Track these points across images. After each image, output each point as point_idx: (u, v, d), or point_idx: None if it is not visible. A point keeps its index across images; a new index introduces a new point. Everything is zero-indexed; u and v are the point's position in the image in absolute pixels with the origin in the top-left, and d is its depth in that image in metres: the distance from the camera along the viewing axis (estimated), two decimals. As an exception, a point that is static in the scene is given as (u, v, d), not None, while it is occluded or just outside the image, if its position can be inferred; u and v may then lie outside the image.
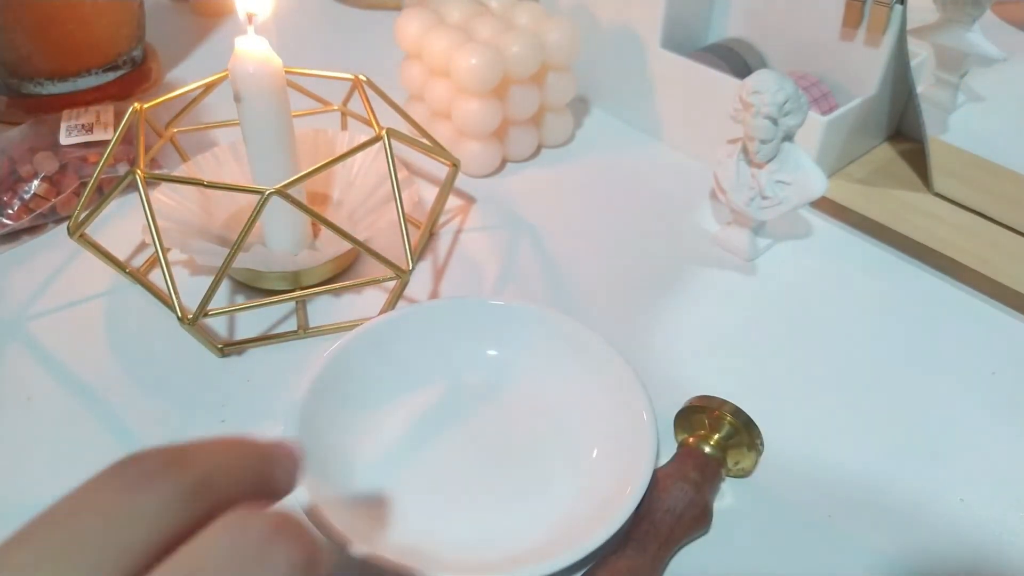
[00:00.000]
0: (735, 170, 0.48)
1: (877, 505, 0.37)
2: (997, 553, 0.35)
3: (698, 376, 0.43)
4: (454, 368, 0.42)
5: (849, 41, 0.54)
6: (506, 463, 0.38)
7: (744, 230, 0.51)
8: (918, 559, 0.35)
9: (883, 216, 0.52)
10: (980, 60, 0.61)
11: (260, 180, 0.44)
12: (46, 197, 0.52)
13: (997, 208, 0.53)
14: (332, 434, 0.37)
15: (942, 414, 0.41)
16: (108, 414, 0.40)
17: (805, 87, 0.54)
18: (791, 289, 0.49)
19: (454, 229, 0.53)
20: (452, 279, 0.49)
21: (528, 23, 0.57)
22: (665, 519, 0.33)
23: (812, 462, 0.39)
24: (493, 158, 0.58)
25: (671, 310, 0.47)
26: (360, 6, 0.84)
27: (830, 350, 0.45)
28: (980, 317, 0.47)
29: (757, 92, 0.44)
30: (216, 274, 0.40)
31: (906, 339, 0.46)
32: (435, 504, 0.36)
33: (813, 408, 0.42)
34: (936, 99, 0.64)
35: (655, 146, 0.62)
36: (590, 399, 0.39)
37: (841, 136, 0.54)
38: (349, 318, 0.45)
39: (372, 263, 0.48)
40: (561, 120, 0.61)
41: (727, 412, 0.37)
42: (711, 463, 0.36)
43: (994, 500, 0.37)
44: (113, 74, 0.65)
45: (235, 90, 0.42)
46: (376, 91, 0.49)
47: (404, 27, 0.57)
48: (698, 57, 0.59)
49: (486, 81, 0.53)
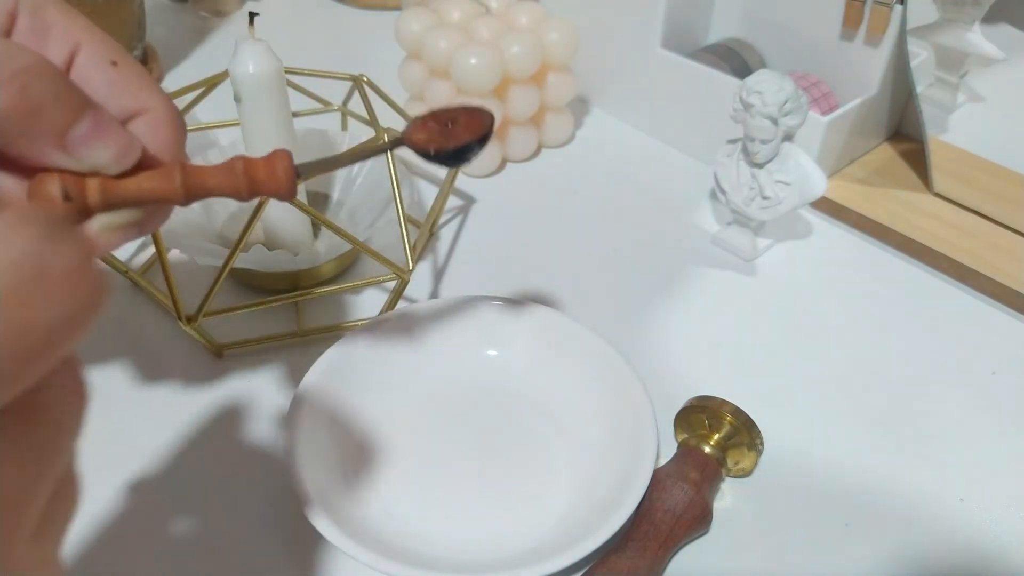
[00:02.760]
0: (735, 170, 0.48)
1: (877, 505, 0.37)
2: (997, 553, 0.35)
3: (698, 376, 0.43)
4: (454, 368, 0.42)
5: (849, 41, 0.54)
6: (506, 463, 0.38)
7: (744, 230, 0.51)
8: (918, 559, 0.35)
9: (883, 216, 0.52)
10: (980, 60, 0.61)
11: (260, 180, 0.44)
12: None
13: (997, 208, 0.53)
14: (332, 434, 0.37)
15: (942, 414, 0.41)
16: (108, 414, 0.40)
17: (805, 87, 0.54)
18: (791, 289, 0.49)
19: (454, 229, 0.53)
20: (452, 279, 0.49)
21: (528, 23, 0.57)
22: (665, 519, 0.34)
23: (812, 462, 0.39)
24: (493, 158, 0.58)
25: (671, 310, 0.47)
26: (360, 6, 0.84)
27: (830, 350, 0.45)
28: (980, 317, 0.47)
29: (757, 92, 0.44)
30: (216, 274, 0.40)
31: (906, 339, 0.46)
32: (435, 504, 0.36)
33: (813, 408, 0.42)
34: (936, 99, 0.64)
35: (655, 146, 0.62)
36: (590, 399, 0.39)
37: (841, 136, 0.54)
38: (349, 318, 0.45)
39: (372, 263, 0.48)
40: (561, 120, 0.61)
41: (727, 412, 0.37)
42: (711, 463, 0.36)
43: (994, 500, 0.37)
44: (113, 74, 0.65)
45: (235, 90, 0.42)
46: (376, 91, 0.49)
47: (404, 27, 0.57)
48: (698, 57, 0.59)
49: (486, 81, 0.53)
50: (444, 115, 0.29)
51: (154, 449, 0.39)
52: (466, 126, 0.29)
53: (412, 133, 0.28)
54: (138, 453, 0.39)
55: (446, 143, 0.28)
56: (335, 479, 0.35)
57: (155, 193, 0.22)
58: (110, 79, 0.22)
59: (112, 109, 0.22)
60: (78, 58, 0.22)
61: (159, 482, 0.37)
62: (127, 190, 0.22)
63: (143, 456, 0.38)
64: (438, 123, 0.29)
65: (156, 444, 0.39)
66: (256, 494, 0.37)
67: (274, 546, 0.35)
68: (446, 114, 0.29)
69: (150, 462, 0.38)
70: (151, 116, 0.23)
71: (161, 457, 0.39)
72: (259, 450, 0.39)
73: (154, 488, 0.37)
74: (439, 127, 0.28)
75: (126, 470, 0.38)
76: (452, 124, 0.29)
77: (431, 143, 0.28)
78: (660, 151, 0.61)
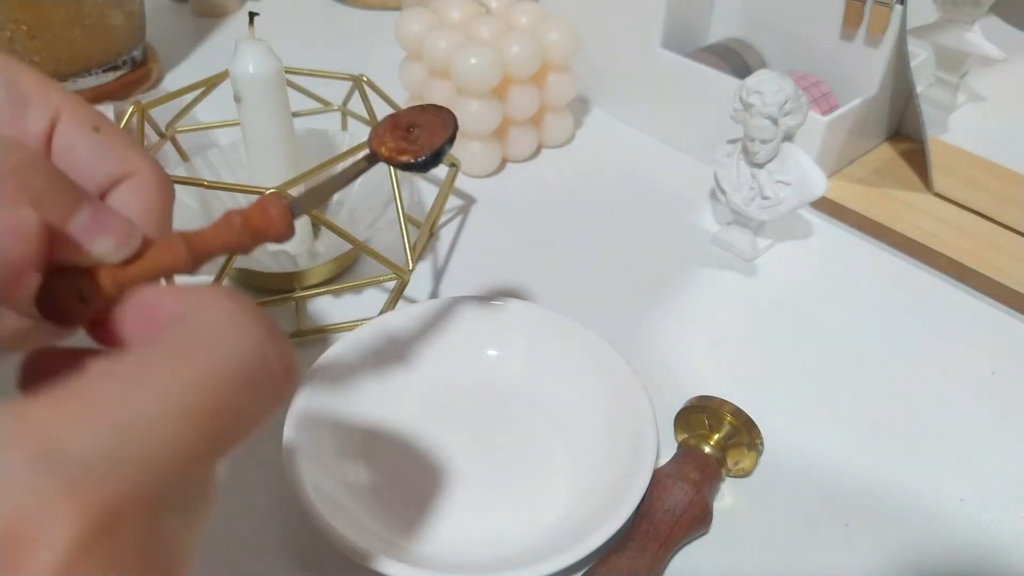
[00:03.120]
0: (735, 170, 0.48)
1: (876, 505, 0.37)
2: (997, 553, 0.35)
3: (698, 376, 0.43)
4: (454, 368, 0.42)
5: (849, 41, 0.54)
6: (506, 463, 0.38)
7: (744, 230, 0.51)
8: (918, 559, 0.35)
9: (883, 216, 0.52)
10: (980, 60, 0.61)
11: (260, 180, 0.44)
12: (46, 197, 0.52)
13: (997, 208, 0.53)
14: (332, 435, 0.37)
15: (942, 414, 0.41)
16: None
17: (805, 87, 0.54)
18: (791, 289, 0.49)
19: (454, 229, 0.53)
20: (452, 279, 0.49)
21: (528, 23, 0.57)
22: (665, 519, 0.34)
23: (812, 462, 0.39)
24: (493, 158, 0.58)
25: (671, 310, 0.47)
26: (360, 6, 0.84)
27: (830, 350, 0.45)
28: (980, 317, 0.47)
29: (757, 92, 0.44)
30: (216, 274, 0.40)
31: (906, 339, 0.46)
32: (435, 504, 0.36)
33: (813, 408, 0.42)
34: (936, 99, 0.64)
35: (655, 146, 0.62)
36: (590, 399, 0.39)
37: (841, 136, 0.54)
38: (349, 318, 0.45)
39: (372, 263, 0.48)
40: (561, 120, 0.61)
41: (727, 412, 0.37)
42: (711, 463, 0.36)
43: (994, 500, 0.37)
44: (113, 74, 0.65)
45: (235, 90, 0.42)
46: (376, 91, 0.49)
47: (404, 27, 0.57)
48: (698, 57, 0.59)
49: (486, 81, 0.53)
50: (403, 120, 0.29)
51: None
52: (429, 129, 0.29)
53: (379, 146, 0.28)
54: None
55: (419, 151, 0.28)
56: (335, 479, 0.35)
57: (164, 270, 0.21)
58: (94, 144, 0.22)
59: (98, 174, 0.22)
60: (59, 126, 0.22)
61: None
62: (137, 275, 0.21)
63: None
64: (400, 129, 0.29)
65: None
66: (256, 494, 0.37)
67: (273, 546, 0.35)
68: (404, 118, 0.29)
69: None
70: (138, 179, 0.22)
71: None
72: (259, 450, 0.39)
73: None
74: (403, 133, 0.29)
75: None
76: (414, 129, 0.29)
77: (404, 154, 0.28)
78: (660, 151, 0.61)
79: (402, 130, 0.29)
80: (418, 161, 0.28)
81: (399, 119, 0.29)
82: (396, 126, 0.29)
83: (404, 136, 0.29)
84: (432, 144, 0.29)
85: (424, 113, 0.30)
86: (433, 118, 0.29)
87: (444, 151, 0.29)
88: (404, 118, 0.29)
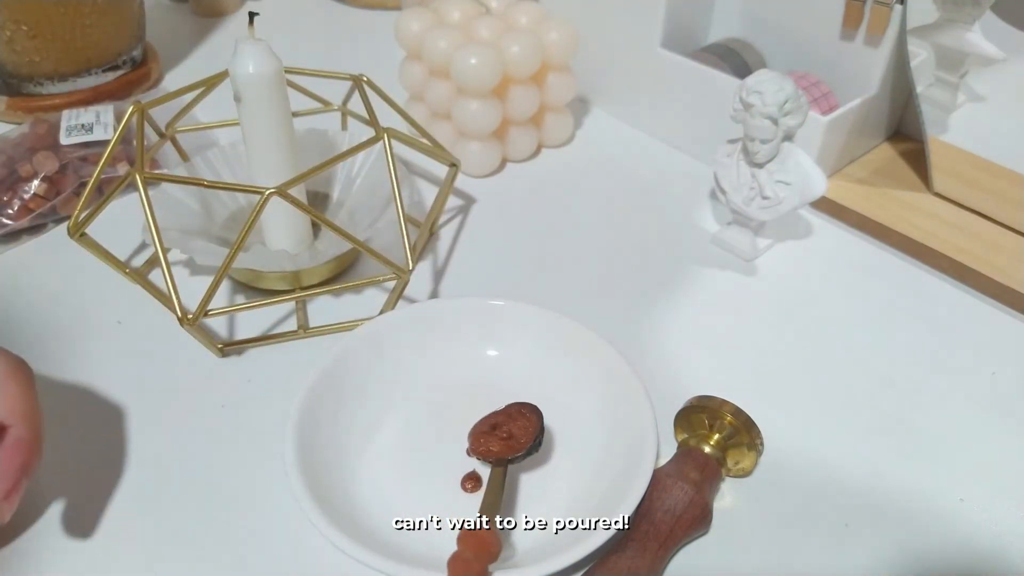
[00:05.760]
0: (735, 170, 0.48)
1: (877, 505, 0.37)
2: (997, 553, 0.35)
3: (698, 376, 0.43)
4: (454, 368, 0.42)
5: (849, 41, 0.54)
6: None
7: (744, 230, 0.51)
8: (918, 559, 0.35)
9: (883, 216, 0.52)
10: (980, 60, 0.61)
11: (260, 180, 0.44)
12: (46, 197, 0.52)
13: (997, 208, 0.53)
14: (332, 434, 0.37)
15: (942, 414, 0.41)
16: (107, 414, 0.40)
17: (805, 87, 0.54)
18: (791, 289, 0.49)
19: (454, 229, 0.53)
20: (452, 279, 0.49)
21: (528, 23, 0.57)
22: (665, 519, 0.34)
23: (812, 462, 0.39)
24: (493, 158, 0.58)
25: (671, 310, 0.47)
26: (360, 6, 0.84)
27: (830, 350, 0.45)
28: (980, 317, 0.47)
29: (757, 92, 0.44)
30: (216, 274, 0.40)
31: (906, 339, 0.46)
32: (436, 504, 0.36)
33: (813, 408, 0.42)
34: (936, 99, 0.64)
35: (655, 146, 0.62)
36: (590, 399, 0.39)
37: (841, 136, 0.54)
38: (349, 318, 0.45)
39: (372, 263, 0.48)
40: (561, 120, 0.61)
41: (727, 412, 0.37)
42: (711, 463, 0.36)
43: (994, 500, 0.37)
44: (113, 74, 0.65)
45: (235, 90, 0.42)
46: (376, 91, 0.49)
47: (404, 27, 0.57)
48: (698, 57, 0.59)
49: (486, 81, 0.53)
50: (495, 426, 0.36)
51: (154, 448, 0.39)
52: (522, 429, 0.35)
53: (484, 452, 0.35)
54: (138, 453, 0.39)
55: (518, 449, 0.35)
56: (335, 479, 0.35)
57: None
58: None
59: None
60: None
61: (159, 481, 0.37)
62: None
63: (143, 456, 0.38)
64: (494, 435, 0.35)
65: (156, 443, 0.39)
66: (256, 493, 0.37)
67: (274, 545, 0.35)
68: (495, 424, 0.36)
69: (150, 461, 0.38)
70: None
71: (161, 456, 0.39)
72: (259, 450, 0.39)
73: (154, 487, 0.37)
74: (499, 440, 0.35)
75: (126, 470, 0.38)
76: (508, 435, 0.35)
77: (506, 452, 0.35)
78: (660, 151, 0.61)
79: (498, 437, 0.35)
80: (516, 458, 0.35)
81: (490, 425, 0.36)
82: (489, 431, 0.35)
83: (502, 439, 0.35)
84: (528, 442, 0.35)
85: (509, 415, 0.36)
86: (519, 421, 0.36)
87: (538, 445, 0.36)
88: (494, 424, 0.36)
